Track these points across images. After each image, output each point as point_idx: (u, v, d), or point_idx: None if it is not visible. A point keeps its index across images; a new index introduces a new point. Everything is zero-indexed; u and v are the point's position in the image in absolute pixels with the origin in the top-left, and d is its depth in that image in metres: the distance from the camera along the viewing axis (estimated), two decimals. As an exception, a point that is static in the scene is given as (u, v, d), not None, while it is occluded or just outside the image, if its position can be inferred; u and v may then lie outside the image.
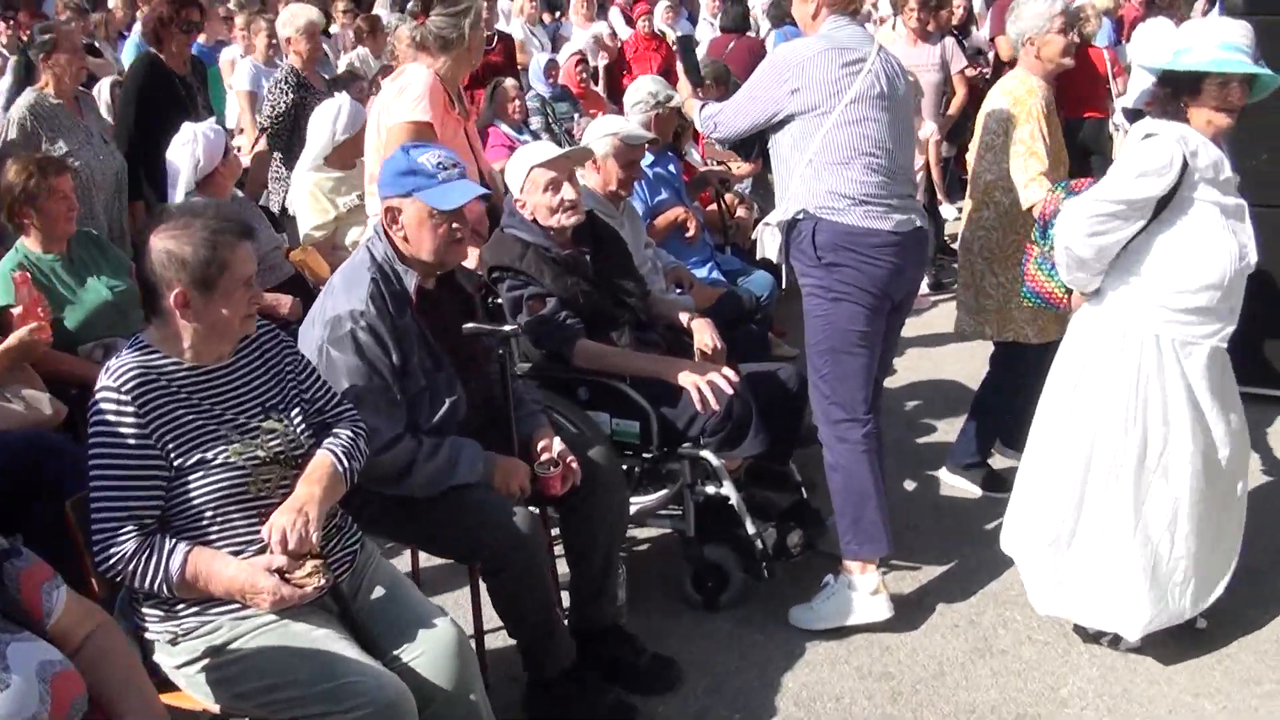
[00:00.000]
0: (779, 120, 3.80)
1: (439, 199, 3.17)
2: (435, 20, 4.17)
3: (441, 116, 4.13)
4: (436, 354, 3.28)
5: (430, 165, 3.18)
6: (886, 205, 3.75)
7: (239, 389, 2.79)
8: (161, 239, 2.65)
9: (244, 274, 2.69)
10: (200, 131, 4.95)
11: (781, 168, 3.89)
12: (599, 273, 4.04)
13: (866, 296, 3.76)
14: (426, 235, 3.21)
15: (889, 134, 3.79)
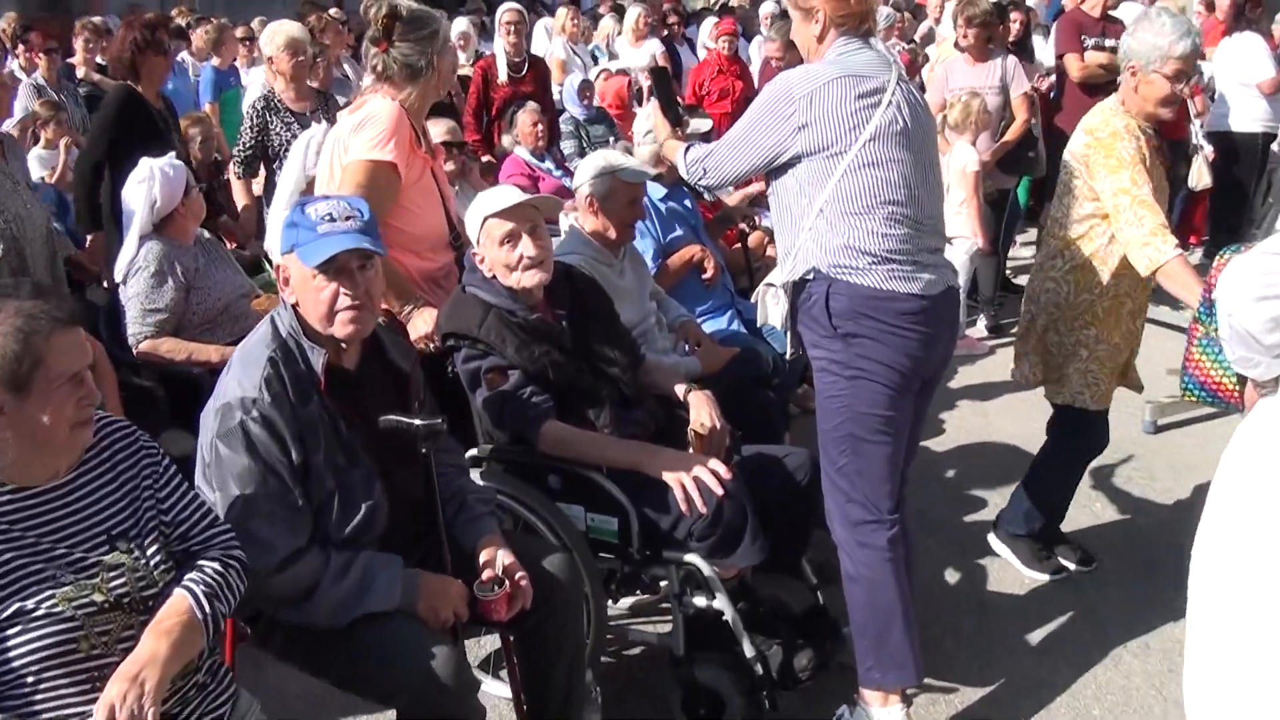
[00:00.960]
0: (782, 162, 3.19)
1: (311, 253, 2.64)
2: (400, 47, 3.64)
3: (407, 155, 3.61)
4: (351, 449, 2.71)
5: (314, 216, 2.66)
6: (913, 263, 3.13)
7: (76, 515, 2.24)
8: None
9: (65, 370, 2.14)
10: (157, 167, 4.45)
11: (784, 218, 3.28)
12: (577, 339, 3.44)
13: (891, 374, 3.13)
14: (310, 301, 2.69)
15: (914, 177, 3.16)
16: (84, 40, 8.61)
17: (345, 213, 2.67)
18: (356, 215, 2.69)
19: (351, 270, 2.67)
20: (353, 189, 3.47)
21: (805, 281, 3.19)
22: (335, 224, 2.64)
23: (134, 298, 4.34)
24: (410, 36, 3.63)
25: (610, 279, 4.15)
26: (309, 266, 2.64)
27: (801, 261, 3.19)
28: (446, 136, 5.82)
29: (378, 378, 2.86)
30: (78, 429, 2.20)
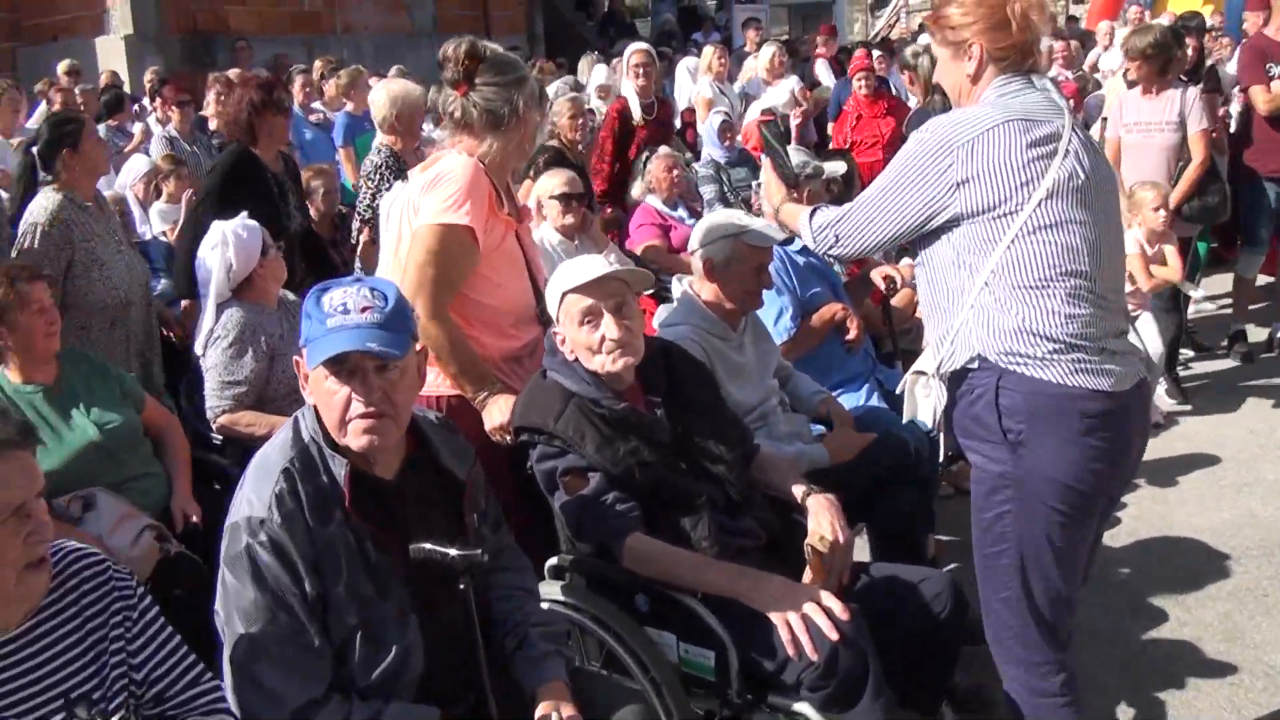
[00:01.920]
0: (935, 227, 2.66)
1: (316, 352, 2.24)
2: (482, 91, 3.18)
3: (486, 219, 3.14)
4: (382, 577, 2.26)
5: (327, 306, 2.25)
6: (1101, 350, 2.57)
7: (29, 675, 1.88)
8: None
9: (4, 504, 1.78)
10: (230, 230, 4.14)
11: (938, 294, 2.74)
12: (674, 432, 2.93)
13: (1071, 494, 2.57)
14: (322, 405, 2.29)
15: (1098, 242, 2.61)
16: (215, 93, 8.59)
17: (363, 303, 2.24)
18: (376, 306, 2.25)
19: (366, 371, 2.24)
20: (423, 256, 3.05)
21: (967, 371, 2.65)
22: (348, 316, 2.22)
23: (212, 369, 4.03)
24: (494, 80, 3.19)
25: (726, 355, 3.65)
26: (309, 367, 2.25)
27: (962, 347, 2.65)
28: (565, 189, 5.42)
29: (424, 487, 2.41)
30: (28, 572, 1.81)
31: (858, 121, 8.43)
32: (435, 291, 3.03)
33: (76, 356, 3.68)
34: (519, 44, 15.61)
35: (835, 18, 19.09)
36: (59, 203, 4.28)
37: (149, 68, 10.62)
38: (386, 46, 14.20)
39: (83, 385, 3.59)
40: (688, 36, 17.04)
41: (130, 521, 3.34)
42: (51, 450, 3.40)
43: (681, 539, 2.81)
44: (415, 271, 3.04)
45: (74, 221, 4.32)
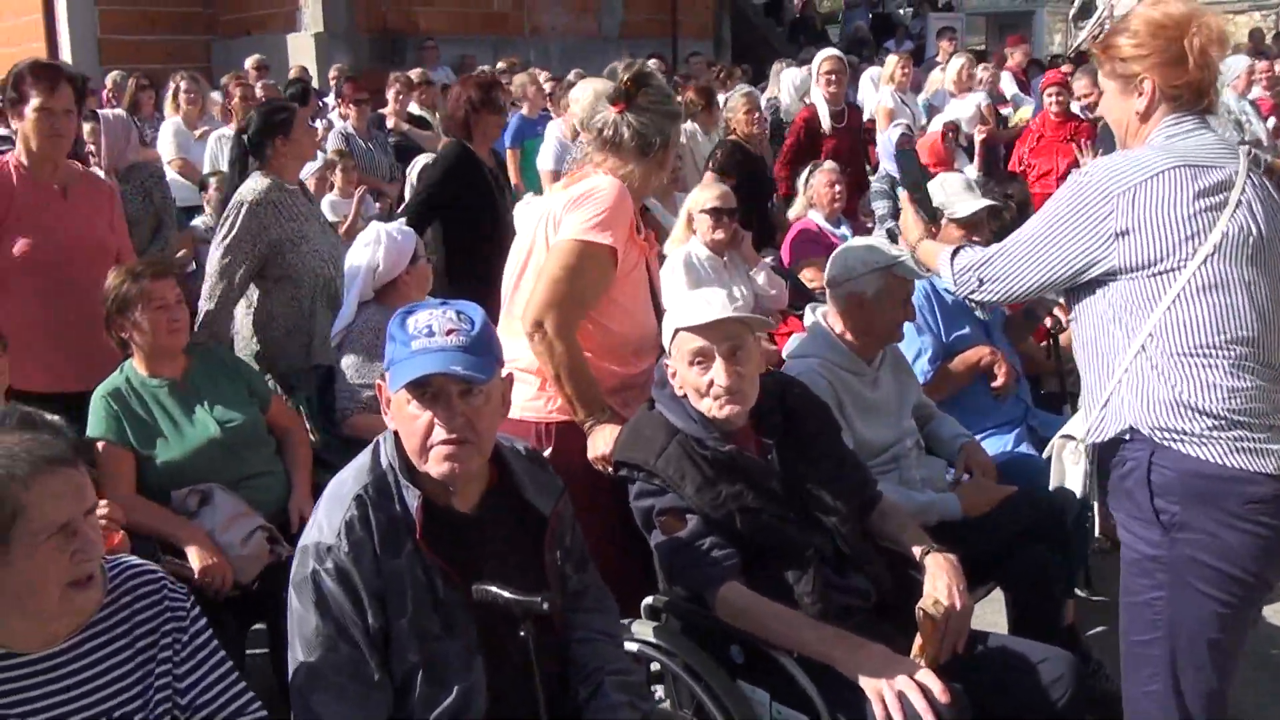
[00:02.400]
0: (1090, 278, 2.47)
1: (397, 375, 2.16)
2: (639, 115, 3.08)
3: (625, 242, 3.06)
4: (449, 614, 2.18)
5: (411, 328, 2.18)
6: (1269, 428, 2.33)
7: (70, 693, 1.85)
8: None
9: (52, 520, 1.74)
10: (386, 232, 4.16)
11: (1091, 353, 2.56)
12: (785, 477, 2.76)
13: (1230, 584, 2.35)
14: (403, 430, 2.21)
15: (1268, 306, 2.36)
16: (395, 91, 8.78)
17: (448, 325, 2.16)
18: (462, 329, 2.17)
19: (450, 396, 2.15)
20: (559, 272, 2.97)
21: (1119, 442, 2.44)
22: (433, 339, 2.14)
23: (346, 369, 4.05)
24: (653, 107, 3.10)
25: (857, 391, 3.44)
26: (391, 390, 2.17)
27: (1114, 416, 2.44)
28: (717, 203, 5.27)
29: (503, 522, 2.32)
30: (74, 590, 1.78)
31: (1038, 143, 7.92)
32: (566, 309, 2.95)
33: (207, 353, 3.74)
34: (705, 49, 15.54)
35: (1034, 29, 18.30)
36: (266, 185, 4.46)
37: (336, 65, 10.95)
38: (573, 50, 14.31)
39: (209, 382, 3.63)
40: (880, 44, 16.61)
41: (243, 520, 3.37)
42: (172, 444, 3.46)
43: (783, 592, 2.64)
44: (549, 286, 2.96)
45: (279, 203, 4.46)
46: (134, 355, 3.55)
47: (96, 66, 12.05)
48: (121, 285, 3.45)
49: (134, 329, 3.48)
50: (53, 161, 3.94)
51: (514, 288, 3.18)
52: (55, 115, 3.83)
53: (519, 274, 3.18)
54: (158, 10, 13.39)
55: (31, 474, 1.73)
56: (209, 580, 3.22)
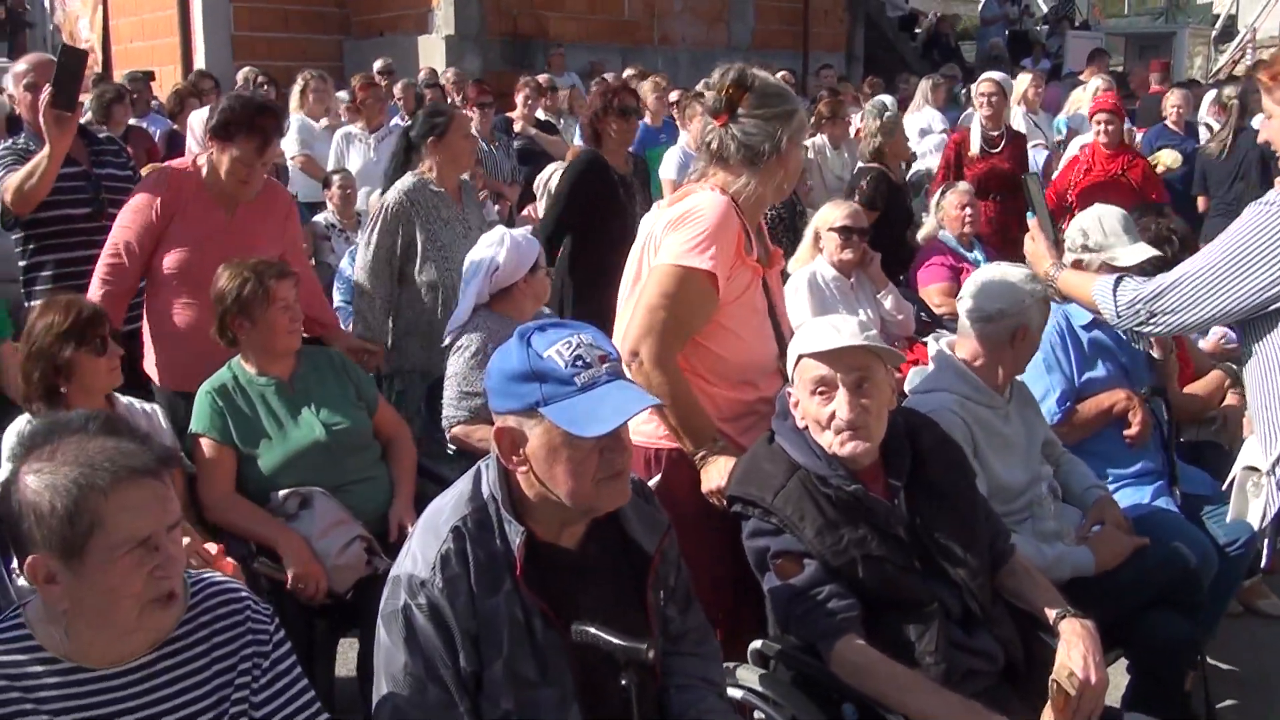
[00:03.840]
0: (1274, 310, 2.37)
1: (579, 417, 1.96)
2: (744, 124, 2.86)
3: (731, 264, 2.83)
4: (546, 658, 2.03)
5: (560, 361, 1.99)
6: None
7: (143, 711, 1.76)
8: (26, 474, 1.70)
9: (131, 534, 1.66)
10: (511, 235, 4.06)
11: (1271, 382, 2.44)
12: (912, 524, 2.55)
13: None
14: (563, 473, 2.02)
15: None
16: (524, 96, 8.74)
17: (596, 352, 2.01)
18: (608, 352, 2.03)
19: (618, 430, 2.01)
20: (656, 299, 2.78)
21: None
22: (593, 370, 1.99)
23: (454, 377, 3.95)
24: (758, 112, 2.87)
25: (992, 426, 3.18)
26: (588, 434, 1.97)
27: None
28: (847, 221, 5.07)
29: (608, 560, 2.17)
30: (152, 607, 1.68)
31: (1084, 176, 7.21)
32: (664, 338, 2.75)
33: (316, 354, 3.67)
34: (837, 63, 15.25)
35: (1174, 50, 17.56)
36: (411, 185, 4.55)
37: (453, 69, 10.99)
38: (702, 60, 14.13)
39: (317, 384, 3.56)
40: (1016, 62, 16.10)
41: (343, 528, 3.28)
42: (275, 444, 3.40)
43: (903, 650, 2.43)
44: (646, 314, 2.78)
45: (421, 204, 4.55)
46: (244, 354, 3.50)
47: (229, 63, 12.30)
48: (244, 284, 3.40)
49: (251, 328, 3.43)
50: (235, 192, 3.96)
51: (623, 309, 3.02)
52: (254, 170, 3.90)
53: (627, 296, 3.03)
54: (291, 9, 13.61)
55: (112, 484, 1.66)
56: (302, 587, 3.15)
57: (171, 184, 3.94)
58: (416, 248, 4.56)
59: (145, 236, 3.88)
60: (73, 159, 4.28)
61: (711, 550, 2.70)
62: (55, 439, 1.70)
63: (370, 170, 7.53)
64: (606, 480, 2.01)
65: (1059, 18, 19.53)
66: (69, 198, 4.30)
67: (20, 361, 3.16)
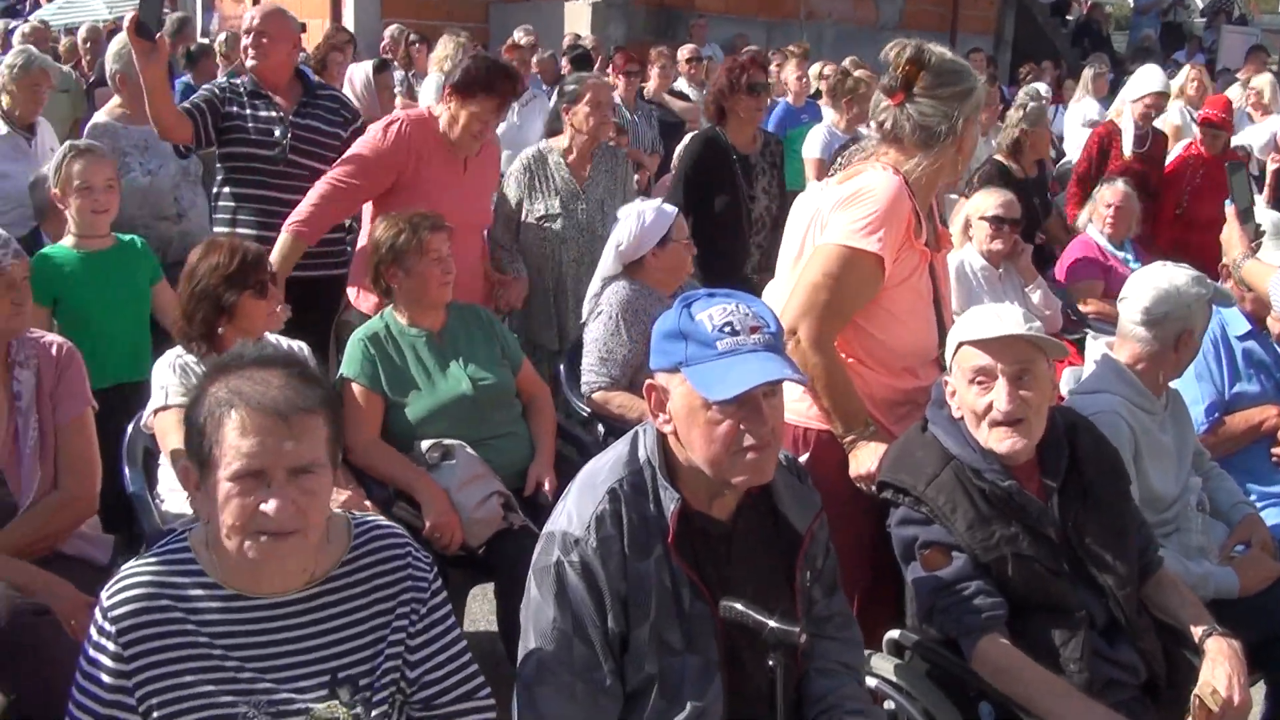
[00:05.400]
0: None
1: (711, 381, 1.96)
2: (920, 103, 2.79)
3: (899, 246, 2.78)
4: (692, 627, 2.03)
5: (708, 325, 1.98)
6: None
7: (300, 643, 1.80)
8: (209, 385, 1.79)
9: (239, 463, 1.71)
10: (638, 209, 4.06)
11: None
12: (1065, 526, 2.49)
13: None
14: (699, 437, 2.01)
15: None
16: (659, 67, 8.70)
17: (750, 321, 2.00)
18: (763, 324, 2.00)
19: (758, 401, 1.99)
20: (819, 278, 2.74)
21: None
22: (739, 338, 1.97)
23: (593, 343, 3.98)
24: (935, 92, 2.80)
25: (1151, 432, 3.07)
26: (714, 399, 1.98)
27: None
28: (999, 211, 4.94)
29: (758, 535, 2.16)
30: (256, 540, 1.73)
31: (1200, 180, 6.75)
32: (823, 318, 2.72)
33: (465, 310, 3.72)
34: (985, 46, 14.88)
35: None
36: (533, 155, 4.61)
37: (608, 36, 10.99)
38: (847, 37, 13.93)
39: (465, 338, 3.62)
40: (1168, 55, 15.49)
41: (481, 482, 3.33)
42: (423, 395, 3.46)
43: (1046, 654, 2.38)
44: (807, 292, 2.75)
45: (539, 174, 4.59)
46: (395, 305, 3.57)
47: (377, 19, 12.48)
48: (399, 235, 3.46)
49: (405, 279, 3.49)
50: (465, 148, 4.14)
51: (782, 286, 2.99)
52: (489, 125, 4.09)
53: (786, 273, 3.00)
54: (442, -31, 13.77)
55: (240, 411, 1.71)
56: (438, 536, 3.21)
57: (417, 130, 4.12)
58: (518, 218, 4.69)
59: (383, 173, 4.07)
60: (274, 102, 4.42)
61: (852, 535, 2.67)
62: (244, 361, 1.78)
63: (512, 134, 7.58)
64: (741, 452, 1.99)
65: (1216, 11, 18.72)
66: (258, 138, 4.40)
67: (182, 300, 3.26)
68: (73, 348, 3.02)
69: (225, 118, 4.34)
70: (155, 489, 3.24)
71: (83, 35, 9.40)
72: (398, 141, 4.08)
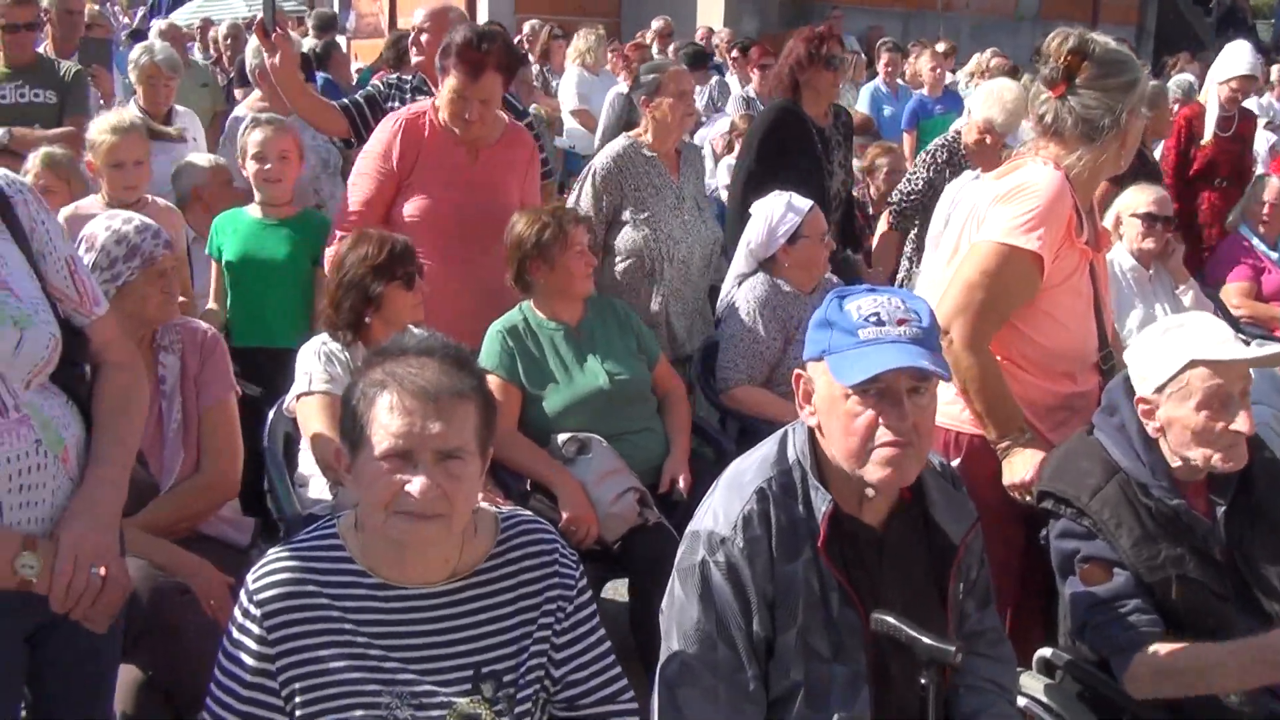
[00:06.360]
0: None
1: (845, 368, 1.91)
2: (1083, 95, 2.66)
3: (1058, 245, 2.66)
4: (840, 635, 1.97)
5: (855, 315, 1.93)
6: None
7: (445, 633, 1.80)
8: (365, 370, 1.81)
9: (387, 442, 1.72)
10: (775, 206, 4.01)
11: None
12: (1233, 550, 2.35)
13: None
14: (837, 427, 1.96)
15: None
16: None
17: (898, 314, 1.92)
18: (913, 318, 1.92)
19: (899, 394, 1.91)
20: (975, 276, 2.64)
21: None
22: (884, 329, 1.91)
23: (728, 339, 3.94)
24: (1098, 84, 2.67)
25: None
26: (842, 384, 1.92)
27: None
28: (1152, 208, 4.72)
29: (910, 543, 2.08)
30: (398, 520, 1.72)
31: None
32: (979, 317, 2.62)
33: (603, 304, 3.70)
34: (1127, 36, 14.38)
35: None
36: (622, 149, 4.31)
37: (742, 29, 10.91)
38: (985, 28, 13.63)
39: (603, 332, 3.60)
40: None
41: (617, 477, 3.30)
42: (561, 388, 3.46)
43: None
44: (962, 291, 2.64)
45: (629, 170, 4.29)
46: (535, 297, 3.57)
47: (511, 14, 12.61)
48: (543, 229, 3.45)
49: (548, 272, 3.48)
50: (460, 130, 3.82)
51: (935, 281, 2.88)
52: (469, 103, 3.71)
53: (938, 267, 2.89)
54: (575, -37, 13.84)
55: (391, 393, 1.71)
56: (573, 530, 3.19)
57: (411, 123, 3.84)
58: (617, 217, 4.28)
59: (385, 183, 3.81)
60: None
61: (1004, 547, 2.56)
62: (405, 348, 1.78)
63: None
64: (879, 449, 1.92)
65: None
66: None
67: (330, 289, 3.30)
68: (217, 333, 3.09)
69: (386, 113, 4.26)
70: (295, 473, 3.30)
71: (223, 32, 9.70)
72: (391, 138, 3.82)
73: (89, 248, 2.81)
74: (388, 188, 3.81)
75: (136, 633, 2.39)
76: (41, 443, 1.85)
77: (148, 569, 2.58)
